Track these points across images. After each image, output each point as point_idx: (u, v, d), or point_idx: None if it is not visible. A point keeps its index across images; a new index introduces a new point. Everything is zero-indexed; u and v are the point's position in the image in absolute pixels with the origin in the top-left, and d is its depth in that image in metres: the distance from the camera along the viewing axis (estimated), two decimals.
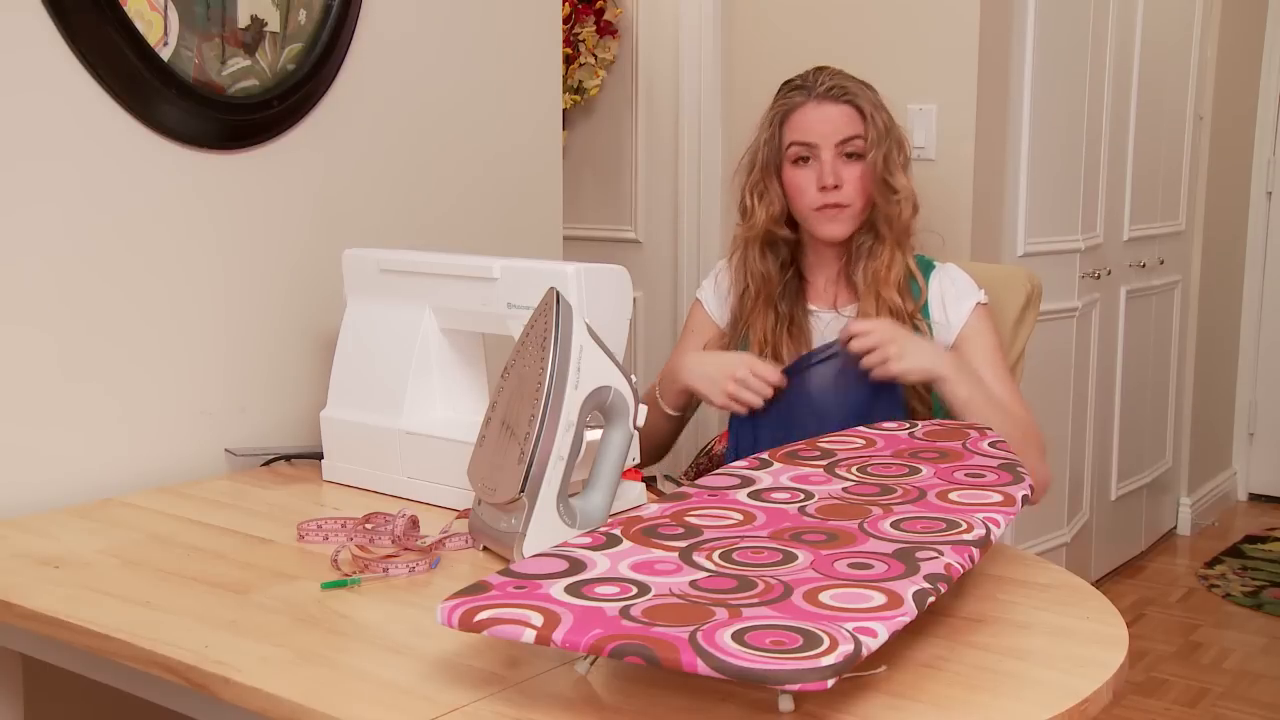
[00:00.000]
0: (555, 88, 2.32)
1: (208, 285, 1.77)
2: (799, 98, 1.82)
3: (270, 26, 1.81)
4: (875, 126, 1.79)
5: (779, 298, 1.86)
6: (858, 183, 1.80)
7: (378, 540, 1.40)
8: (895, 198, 1.80)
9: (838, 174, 1.79)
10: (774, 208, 1.85)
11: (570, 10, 3.43)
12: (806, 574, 1.09)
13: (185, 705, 1.16)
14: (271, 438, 1.86)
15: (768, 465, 1.39)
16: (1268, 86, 4.45)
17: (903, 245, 1.83)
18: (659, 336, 3.59)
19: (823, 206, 1.80)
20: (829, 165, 1.79)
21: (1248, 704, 2.87)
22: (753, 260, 1.88)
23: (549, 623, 0.97)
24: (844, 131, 1.79)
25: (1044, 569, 1.34)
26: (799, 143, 1.81)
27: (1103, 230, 3.49)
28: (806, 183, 1.81)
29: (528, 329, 1.37)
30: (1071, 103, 3.24)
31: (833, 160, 1.79)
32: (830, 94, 1.80)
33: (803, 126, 1.81)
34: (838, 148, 1.80)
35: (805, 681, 0.89)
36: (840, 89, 1.81)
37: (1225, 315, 4.44)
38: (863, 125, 1.80)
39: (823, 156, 1.79)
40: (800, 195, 1.82)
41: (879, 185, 1.80)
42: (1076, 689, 1.02)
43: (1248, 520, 4.38)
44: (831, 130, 1.80)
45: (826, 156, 1.79)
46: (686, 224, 3.49)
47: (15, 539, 1.44)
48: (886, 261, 1.81)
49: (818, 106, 1.81)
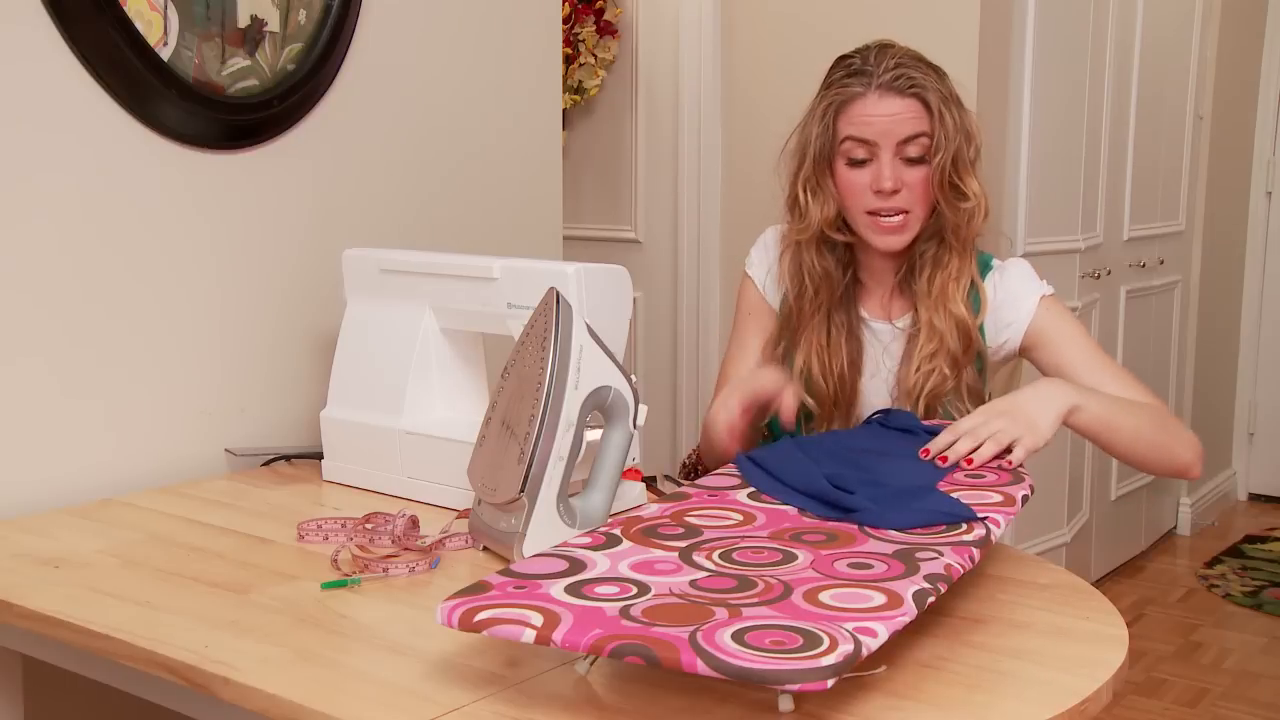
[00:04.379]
0: (555, 88, 2.32)
1: (207, 285, 1.77)
2: (857, 86, 1.59)
3: (270, 26, 1.81)
4: (944, 125, 1.58)
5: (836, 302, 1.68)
6: (920, 188, 1.60)
7: (378, 540, 1.40)
8: (966, 205, 1.61)
9: (897, 177, 1.58)
10: (829, 207, 1.64)
11: (570, 10, 3.43)
12: (806, 574, 1.09)
13: (185, 705, 1.16)
14: (271, 438, 1.86)
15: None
16: (1268, 86, 4.45)
17: (969, 253, 1.65)
18: (659, 336, 3.59)
19: (877, 211, 1.61)
20: (888, 167, 1.58)
21: (1247, 704, 2.87)
22: (810, 260, 1.67)
23: (549, 623, 0.97)
24: (907, 130, 1.58)
25: (1044, 569, 1.34)
26: (855, 139, 1.60)
27: (1102, 230, 3.49)
28: (861, 184, 1.61)
29: (528, 329, 1.37)
30: (1071, 102, 3.24)
31: (892, 161, 1.59)
32: (895, 85, 1.58)
33: (860, 121, 1.59)
34: (898, 148, 1.58)
35: (805, 681, 0.89)
36: (906, 79, 1.58)
37: (1225, 315, 4.44)
38: (929, 122, 1.58)
39: (881, 157, 1.59)
40: (853, 197, 1.62)
41: (946, 191, 1.60)
42: (1076, 689, 1.02)
43: (1248, 520, 4.38)
44: (893, 128, 1.58)
45: (885, 157, 1.58)
46: (686, 224, 3.49)
47: (15, 539, 1.44)
48: (954, 274, 1.63)
49: (879, 99, 1.58)
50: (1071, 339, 1.64)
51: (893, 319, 1.69)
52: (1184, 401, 4.18)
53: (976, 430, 1.41)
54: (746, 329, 1.77)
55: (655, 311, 3.58)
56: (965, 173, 1.61)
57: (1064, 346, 1.64)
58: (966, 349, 1.63)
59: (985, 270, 1.68)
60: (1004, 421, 1.41)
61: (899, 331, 1.69)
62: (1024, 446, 1.40)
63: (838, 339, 1.66)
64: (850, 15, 3.02)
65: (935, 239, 1.65)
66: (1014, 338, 1.66)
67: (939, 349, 1.62)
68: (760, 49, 3.29)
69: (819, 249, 1.67)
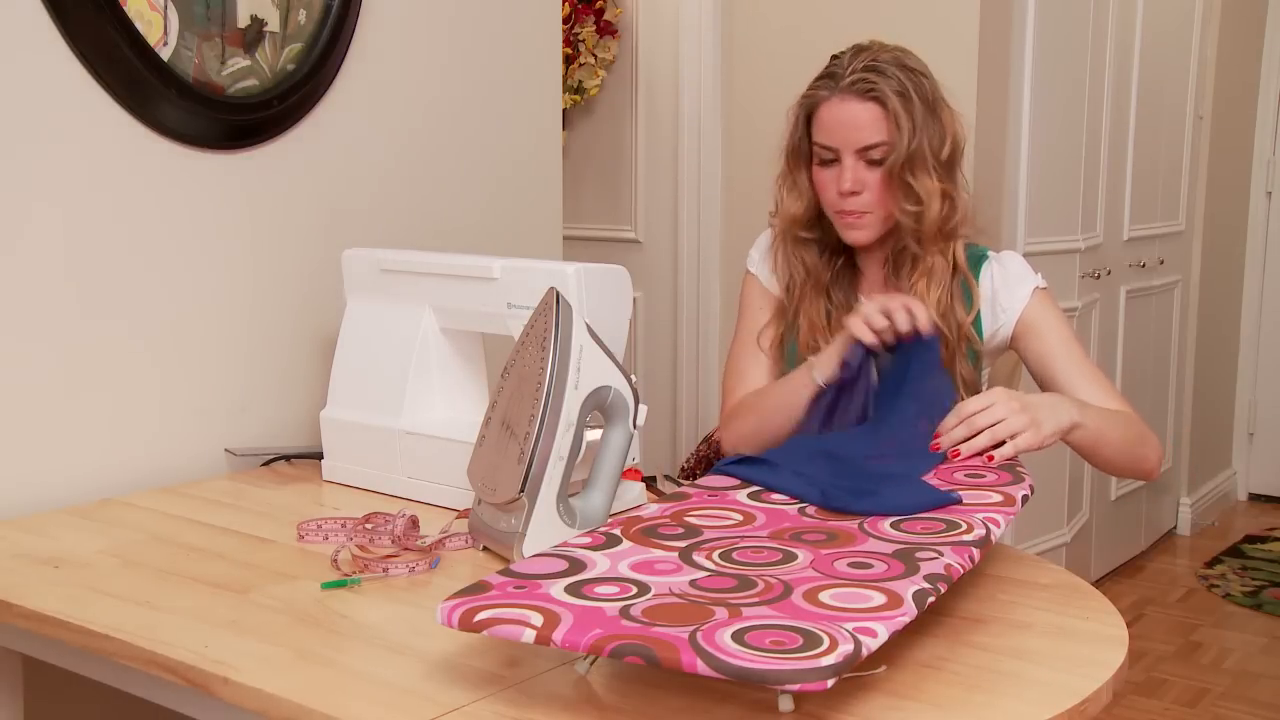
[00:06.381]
0: (555, 88, 2.32)
1: (207, 285, 1.77)
2: (824, 91, 1.66)
3: (270, 26, 1.81)
4: (899, 128, 1.62)
5: (830, 284, 1.74)
6: (878, 189, 1.65)
7: (378, 540, 1.40)
8: (913, 207, 1.65)
9: (858, 179, 1.65)
10: (802, 202, 1.72)
11: (570, 10, 3.43)
12: (806, 573, 1.09)
13: (185, 705, 1.16)
14: (271, 438, 1.86)
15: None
16: (1268, 86, 4.45)
17: (945, 248, 1.69)
18: (659, 336, 3.60)
19: (842, 211, 1.68)
20: (848, 170, 1.65)
21: (1247, 704, 2.87)
22: (790, 251, 1.76)
23: (549, 623, 0.97)
24: (865, 138, 1.64)
25: (1044, 569, 1.34)
26: (821, 145, 1.67)
27: (1102, 230, 3.49)
28: (829, 184, 1.68)
29: (528, 329, 1.37)
30: (1071, 103, 3.24)
31: (854, 164, 1.65)
32: (854, 88, 1.63)
33: (825, 126, 1.66)
34: (860, 151, 1.65)
35: (805, 681, 0.89)
36: (865, 83, 1.63)
37: (1225, 315, 4.44)
38: (886, 128, 1.63)
39: (844, 160, 1.65)
40: (824, 194, 1.70)
41: (896, 191, 1.65)
42: (1076, 689, 1.02)
43: (1248, 520, 4.38)
44: (852, 135, 1.64)
45: (848, 160, 1.65)
46: (686, 224, 3.49)
47: (15, 539, 1.44)
48: (928, 270, 1.68)
49: (841, 104, 1.64)
50: (1059, 333, 1.69)
51: None
52: (1184, 401, 4.18)
53: (975, 421, 1.44)
54: (755, 318, 1.81)
55: (655, 311, 3.58)
56: (921, 173, 1.64)
57: (1050, 339, 1.68)
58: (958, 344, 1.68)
59: (981, 262, 1.72)
60: (1012, 409, 1.44)
61: None
62: (1021, 443, 1.42)
63: (837, 317, 1.71)
64: (850, 16, 3.02)
65: (913, 237, 1.69)
66: (1007, 324, 1.70)
67: None
68: (760, 49, 3.29)
69: (797, 240, 1.75)
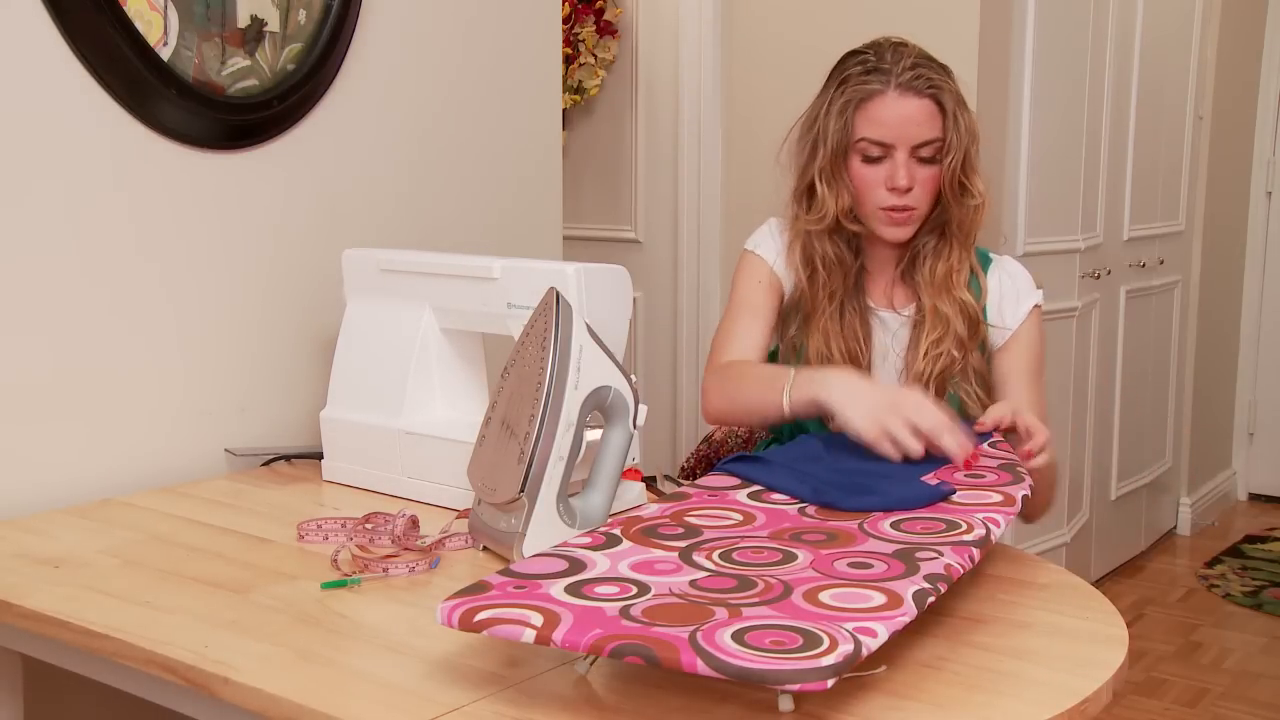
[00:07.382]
0: (555, 88, 2.32)
1: (207, 285, 1.77)
2: (876, 84, 1.61)
3: (270, 26, 1.81)
4: (956, 127, 1.62)
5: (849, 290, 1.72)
6: (930, 185, 1.64)
7: (378, 540, 1.40)
8: (972, 202, 1.66)
9: (911, 176, 1.62)
10: (844, 200, 1.66)
11: (570, 10, 3.43)
12: (806, 574, 1.09)
13: (185, 705, 1.16)
14: (272, 438, 1.86)
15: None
16: (1268, 86, 4.45)
17: (970, 245, 1.70)
18: (659, 336, 3.60)
19: (890, 206, 1.64)
20: (903, 167, 1.62)
21: (1247, 704, 2.87)
22: (823, 248, 1.70)
23: (549, 623, 0.97)
24: (924, 134, 1.61)
25: (1044, 569, 1.34)
26: (872, 140, 1.62)
27: (1102, 230, 3.49)
28: (875, 180, 1.64)
29: (528, 329, 1.37)
30: (1071, 103, 3.24)
31: (907, 161, 1.62)
32: (913, 85, 1.60)
33: (879, 120, 1.62)
34: (914, 149, 1.62)
35: (805, 681, 0.89)
36: (925, 80, 1.61)
37: (1225, 315, 4.44)
38: (942, 125, 1.62)
39: (896, 157, 1.62)
40: (867, 191, 1.65)
41: (955, 189, 1.65)
42: (1076, 689, 1.02)
43: (1248, 520, 4.38)
44: (912, 131, 1.61)
45: (901, 157, 1.62)
46: (686, 224, 3.49)
47: (15, 539, 1.44)
48: (955, 264, 1.67)
49: (898, 99, 1.60)
50: (1033, 353, 1.71)
51: (897, 308, 1.73)
52: (1184, 401, 4.18)
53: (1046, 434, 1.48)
54: (758, 298, 1.74)
55: (655, 311, 3.58)
56: (972, 171, 1.66)
57: (1025, 358, 1.71)
58: (973, 332, 1.69)
59: (986, 263, 1.74)
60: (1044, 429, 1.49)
61: (904, 319, 1.72)
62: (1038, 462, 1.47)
63: (851, 323, 1.70)
64: (850, 15, 3.01)
65: (936, 232, 1.69)
66: (1004, 333, 1.71)
67: (945, 334, 1.67)
68: (760, 49, 3.29)
69: (832, 237, 1.69)
